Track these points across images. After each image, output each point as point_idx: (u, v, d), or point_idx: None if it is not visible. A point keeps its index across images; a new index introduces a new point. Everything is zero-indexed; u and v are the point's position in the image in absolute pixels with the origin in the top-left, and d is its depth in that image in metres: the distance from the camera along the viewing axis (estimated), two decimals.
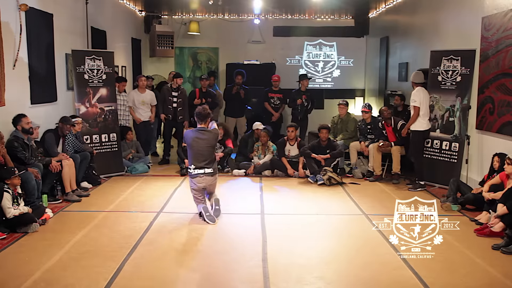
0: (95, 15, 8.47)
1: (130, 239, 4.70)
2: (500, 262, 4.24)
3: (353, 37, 12.64)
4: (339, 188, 6.95)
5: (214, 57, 12.74)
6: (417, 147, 6.96)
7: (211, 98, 8.95)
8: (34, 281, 3.74)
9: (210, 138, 5.42)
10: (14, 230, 4.81)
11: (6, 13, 5.47)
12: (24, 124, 5.60)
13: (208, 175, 5.39)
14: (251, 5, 10.40)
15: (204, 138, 5.37)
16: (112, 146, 7.63)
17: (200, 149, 5.35)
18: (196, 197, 5.46)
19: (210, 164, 5.41)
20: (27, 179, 5.21)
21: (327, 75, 12.86)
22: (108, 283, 3.72)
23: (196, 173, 5.35)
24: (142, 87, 8.51)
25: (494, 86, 6.16)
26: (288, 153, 7.80)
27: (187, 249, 4.53)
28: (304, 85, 8.97)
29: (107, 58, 7.56)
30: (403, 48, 9.91)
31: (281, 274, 3.96)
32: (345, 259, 4.36)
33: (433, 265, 4.10)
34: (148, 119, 8.57)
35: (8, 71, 5.55)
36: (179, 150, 7.96)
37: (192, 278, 3.91)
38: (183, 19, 12.36)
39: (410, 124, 6.87)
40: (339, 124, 8.28)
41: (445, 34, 7.67)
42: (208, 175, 5.39)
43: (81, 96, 7.29)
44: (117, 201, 6.10)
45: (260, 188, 6.92)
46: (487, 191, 5.35)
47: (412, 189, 6.81)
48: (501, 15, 5.98)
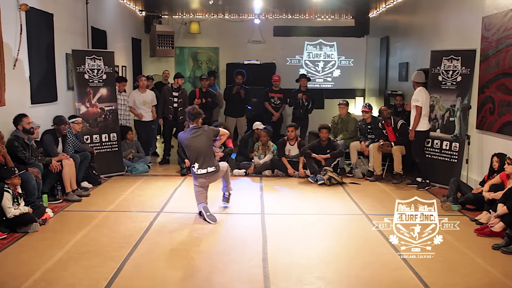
0: (95, 15, 8.48)
1: (130, 239, 4.70)
2: (500, 262, 4.24)
3: (353, 37, 12.65)
4: (339, 188, 6.95)
5: (214, 57, 12.74)
6: (420, 147, 6.98)
7: (211, 98, 8.96)
8: (34, 281, 3.74)
9: (205, 134, 5.38)
10: (15, 230, 4.81)
11: (6, 13, 5.47)
12: (25, 124, 5.60)
13: (211, 174, 5.39)
14: (251, 5, 10.40)
15: (198, 136, 5.34)
16: (112, 146, 7.64)
17: (198, 148, 5.33)
18: (199, 193, 5.43)
19: (212, 161, 5.40)
20: (28, 179, 5.22)
21: (327, 75, 12.86)
22: (108, 283, 3.72)
23: (200, 173, 5.36)
24: (143, 87, 8.52)
25: (494, 86, 6.16)
26: (288, 153, 7.80)
27: (188, 249, 4.53)
28: (302, 85, 8.95)
29: (107, 58, 7.57)
30: (403, 48, 9.91)
31: (281, 274, 3.96)
32: (345, 259, 4.36)
33: (433, 265, 4.10)
34: (150, 119, 8.57)
35: (8, 71, 5.55)
36: (179, 150, 7.95)
37: (192, 278, 3.90)
38: (184, 19, 12.37)
39: (415, 126, 6.85)
40: (340, 124, 8.28)
41: (446, 34, 7.66)
42: (211, 174, 5.39)
43: (82, 96, 7.30)
44: (117, 201, 6.10)
45: (260, 188, 6.92)
46: (487, 191, 5.35)
47: (420, 187, 6.85)
48: (501, 15, 5.98)
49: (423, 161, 6.97)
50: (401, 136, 7.26)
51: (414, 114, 6.87)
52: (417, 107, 6.80)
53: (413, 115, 6.91)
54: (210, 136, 5.45)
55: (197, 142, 5.33)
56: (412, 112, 6.93)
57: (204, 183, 5.42)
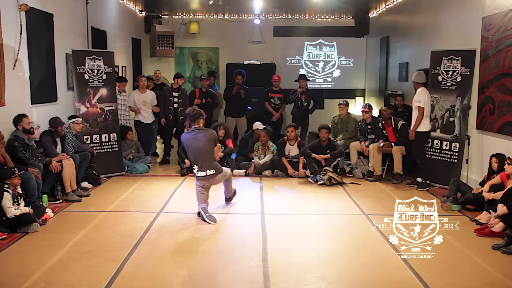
0: (95, 15, 8.48)
1: (130, 239, 4.70)
2: (500, 262, 4.24)
3: (353, 37, 12.65)
4: (339, 188, 6.95)
5: (214, 57, 12.74)
6: (421, 147, 6.99)
7: (211, 98, 8.96)
8: (35, 281, 3.74)
9: (207, 137, 5.37)
10: (15, 230, 4.81)
11: (6, 13, 5.47)
12: (25, 124, 5.59)
13: (210, 177, 5.38)
14: (251, 5, 10.40)
15: (200, 137, 5.34)
16: (112, 146, 7.64)
17: (198, 149, 5.33)
18: (199, 194, 5.44)
19: (211, 164, 5.38)
20: (28, 179, 5.22)
21: (327, 75, 12.86)
22: (108, 283, 3.72)
23: (199, 175, 5.36)
24: (143, 87, 8.52)
25: (494, 86, 6.16)
26: (288, 153, 7.80)
27: (188, 249, 4.53)
28: (301, 85, 8.94)
29: (107, 58, 7.57)
30: (403, 48, 9.91)
31: (281, 274, 3.96)
32: (345, 259, 4.36)
33: (433, 265, 4.10)
34: (151, 121, 8.55)
35: (8, 71, 5.55)
36: (179, 150, 7.96)
37: (192, 278, 3.90)
38: (183, 19, 12.37)
39: (417, 126, 6.85)
40: (340, 124, 8.28)
41: (445, 34, 7.67)
42: (210, 177, 5.38)
43: (82, 96, 7.30)
44: (117, 201, 6.10)
45: (260, 188, 6.92)
46: (487, 191, 5.35)
47: (420, 188, 6.86)
48: (501, 15, 5.98)
49: (423, 162, 6.97)
50: (401, 136, 7.26)
51: (416, 115, 6.88)
52: (419, 108, 6.80)
53: (414, 116, 6.91)
54: (211, 139, 5.43)
55: (198, 144, 5.33)
56: (414, 112, 6.93)
57: (204, 184, 5.44)
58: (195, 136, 5.36)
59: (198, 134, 5.37)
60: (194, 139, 5.35)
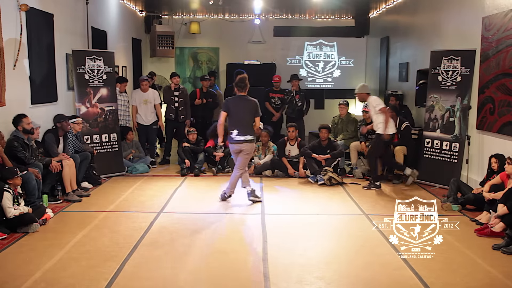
0: (95, 15, 8.48)
1: (130, 239, 4.70)
2: (500, 262, 4.24)
3: (353, 37, 12.63)
4: (339, 188, 6.95)
5: (215, 57, 12.74)
6: (379, 149, 6.90)
7: (211, 98, 8.97)
8: (35, 281, 3.74)
9: (250, 106, 5.88)
10: (15, 230, 4.81)
11: (6, 13, 5.47)
12: (25, 124, 5.59)
13: (248, 142, 5.88)
14: (252, 5, 10.40)
15: (243, 105, 5.83)
16: (113, 146, 7.64)
17: (240, 115, 5.79)
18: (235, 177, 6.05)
19: (250, 130, 5.89)
20: (28, 179, 5.22)
21: (328, 75, 12.85)
22: (108, 283, 3.72)
23: (238, 138, 5.79)
24: (145, 91, 8.42)
25: (494, 86, 6.16)
26: (289, 153, 7.80)
27: (188, 249, 4.53)
28: (294, 85, 8.90)
29: (107, 58, 7.57)
30: (403, 48, 9.91)
31: (281, 274, 3.96)
32: (346, 259, 4.36)
33: (433, 265, 4.10)
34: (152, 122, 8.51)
35: (8, 71, 5.55)
36: (179, 150, 7.96)
37: (192, 278, 3.90)
38: (184, 19, 12.36)
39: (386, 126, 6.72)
40: (340, 124, 8.28)
41: (445, 34, 7.67)
42: (248, 142, 5.88)
43: (82, 96, 7.30)
44: (117, 201, 6.10)
45: (260, 188, 6.92)
46: (487, 191, 5.35)
47: (366, 187, 6.88)
48: (501, 15, 5.98)
49: (375, 162, 6.95)
50: (403, 137, 7.25)
51: (382, 118, 6.71)
52: (382, 109, 6.73)
53: (380, 120, 6.73)
54: (252, 109, 5.88)
55: (241, 109, 5.80)
56: (379, 117, 6.77)
57: (236, 150, 5.85)
58: (242, 103, 5.84)
59: (244, 102, 5.84)
60: (241, 105, 5.82)
